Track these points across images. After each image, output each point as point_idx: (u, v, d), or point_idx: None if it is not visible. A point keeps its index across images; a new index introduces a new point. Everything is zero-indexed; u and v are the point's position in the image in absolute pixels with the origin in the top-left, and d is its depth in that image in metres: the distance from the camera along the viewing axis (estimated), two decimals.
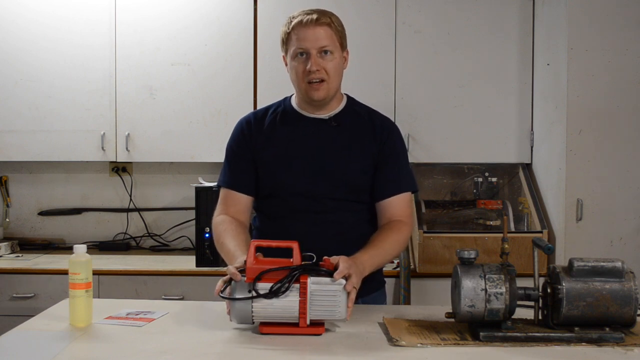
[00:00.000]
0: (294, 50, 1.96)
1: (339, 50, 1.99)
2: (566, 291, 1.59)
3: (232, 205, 2.05)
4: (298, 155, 2.01)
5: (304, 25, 1.94)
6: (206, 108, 3.40)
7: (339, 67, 2.00)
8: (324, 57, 1.95)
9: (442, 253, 3.07)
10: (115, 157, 3.41)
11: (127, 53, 3.38)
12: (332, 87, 1.99)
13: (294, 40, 1.95)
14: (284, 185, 2.01)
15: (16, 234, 3.73)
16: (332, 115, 2.05)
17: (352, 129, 2.04)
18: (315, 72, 1.94)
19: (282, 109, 2.09)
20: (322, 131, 2.03)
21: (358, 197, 2.04)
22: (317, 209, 2.00)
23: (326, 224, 2.00)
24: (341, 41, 2.00)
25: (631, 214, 3.07)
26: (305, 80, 1.96)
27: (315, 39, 1.93)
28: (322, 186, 1.99)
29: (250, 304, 1.62)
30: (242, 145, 2.07)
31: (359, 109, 2.10)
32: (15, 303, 3.09)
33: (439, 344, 1.57)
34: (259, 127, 2.06)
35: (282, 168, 2.01)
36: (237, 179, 2.06)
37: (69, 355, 1.52)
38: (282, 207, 2.03)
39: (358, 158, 2.02)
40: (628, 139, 3.06)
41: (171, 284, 3.11)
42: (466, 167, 3.48)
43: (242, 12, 3.38)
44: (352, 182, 2.01)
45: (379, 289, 2.15)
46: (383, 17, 3.38)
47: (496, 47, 3.40)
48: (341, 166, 2.00)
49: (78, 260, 1.72)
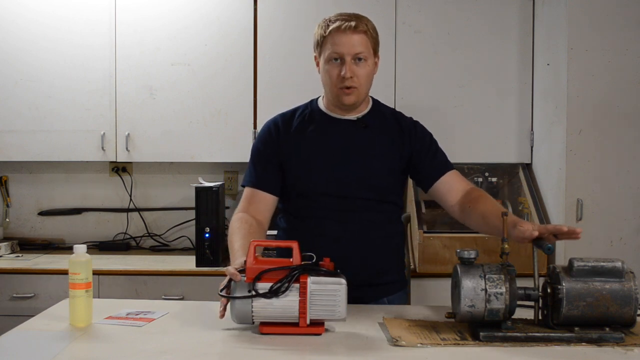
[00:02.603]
0: (328, 54, 1.98)
1: (372, 57, 2.02)
2: (566, 291, 1.59)
3: (255, 203, 2.05)
4: (327, 156, 2.03)
5: (342, 31, 1.95)
6: (206, 108, 3.40)
7: (370, 74, 2.03)
8: (357, 63, 1.97)
9: (442, 253, 3.07)
10: (115, 157, 3.41)
11: (127, 53, 3.38)
12: (362, 93, 2.02)
13: (330, 44, 1.97)
14: (312, 185, 2.02)
15: (16, 234, 3.72)
16: (360, 116, 2.07)
17: (380, 130, 2.07)
18: (349, 79, 1.96)
19: (309, 111, 2.11)
20: (350, 132, 2.05)
21: (385, 197, 2.05)
22: (345, 208, 2.01)
23: (353, 223, 2.01)
24: (375, 48, 2.03)
25: (631, 214, 3.07)
26: (338, 85, 1.98)
27: (351, 46, 1.95)
28: (349, 186, 2.01)
29: (250, 304, 1.62)
30: (269, 147, 2.08)
31: (384, 110, 2.14)
32: (15, 303, 3.09)
33: (439, 344, 1.57)
34: (287, 129, 2.08)
35: (310, 168, 2.03)
36: (262, 178, 2.07)
37: (69, 355, 1.52)
38: (310, 207, 2.03)
39: (385, 158, 2.04)
40: (628, 139, 3.06)
41: (171, 284, 3.11)
42: (466, 167, 3.48)
43: (242, 12, 3.38)
44: (379, 182, 2.03)
45: (403, 288, 2.17)
46: (383, 17, 3.37)
47: (496, 47, 3.40)
48: (369, 166, 2.02)
49: (78, 260, 1.73)
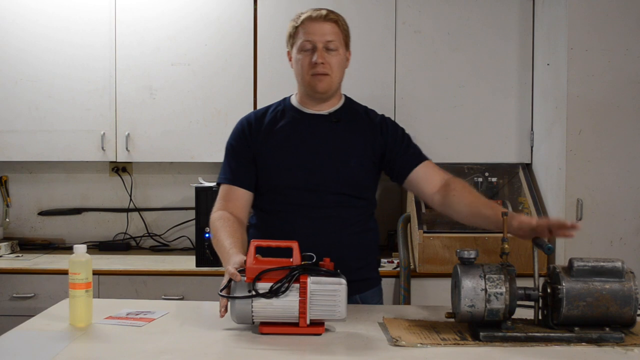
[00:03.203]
0: (300, 43, 2.02)
1: (343, 48, 2.06)
2: (566, 291, 1.59)
3: (232, 200, 2.06)
4: (299, 150, 2.04)
5: (313, 20, 2.01)
6: (206, 108, 3.40)
7: (342, 64, 2.06)
8: (329, 52, 2.01)
9: (442, 253, 3.07)
10: (115, 157, 3.41)
11: (127, 53, 3.38)
12: (334, 81, 2.05)
13: (302, 33, 2.02)
14: (284, 180, 2.03)
15: (16, 234, 3.72)
16: (332, 111, 2.08)
17: (352, 125, 2.09)
18: (321, 65, 2.00)
19: (282, 107, 2.13)
20: (322, 127, 2.07)
21: (358, 193, 2.06)
22: (317, 203, 2.01)
23: (326, 218, 2.01)
24: (346, 40, 2.08)
25: (631, 214, 3.06)
26: (310, 72, 2.01)
27: (322, 33, 2.00)
28: (322, 181, 2.02)
29: (250, 304, 1.62)
30: (242, 143, 2.09)
31: (356, 107, 2.16)
32: (15, 303, 3.09)
33: (439, 344, 1.57)
34: (260, 125, 2.09)
35: (282, 163, 2.04)
36: (238, 175, 2.08)
37: (69, 355, 1.52)
38: (282, 202, 2.04)
39: (357, 153, 2.05)
40: (628, 139, 3.05)
41: (171, 284, 3.10)
42: (466, 167, 3.48)
43: (242, 12, 3.38)
44: (351, 177, 2.04)
45: (376, 285, 2.16)
46: (383, 17, 3.38)
47: (496, 47, 3.40)
48: (341, 161, 2.03)
49: (78, 260, 1.73)
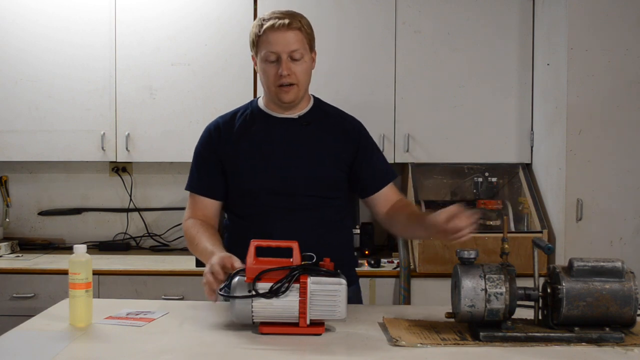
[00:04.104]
0: (264, 54, 1.98)
1: (308, 53, 2.02)
2: (566, 291, 1.59)
3: (200, 209, 2.08)
4: (269, 154, 2.03)
5: (276, 30, 1.95)
6: (206, 108, 3.39)
7: (308, 70, 2.03)
8: (294, 61, 1.98)
9: (442, 253, 3.07)
10: (115, 157, 3.41)
11: (127, 53, 3.38)
12: (301, 89, 2.02)
13: (265, 43, 1.97)
14: (256, 184, 2.02)
15: (16, 234, 3.72)
16: (301, 114, 2.07)
17: (322, 128, 2.07)
18: (286, 77, 1.97)
19: (250, 111, 2.11)
20: (292, 130, 2.05)
21: (333, 193, 2.06)
22: (291, 206, 2.01)
23: (300, 220, 2.00)
24: (310, 43, 2.03)
25: (631, 214, 3.07)
26: (276, 84, 1.98)
27: (286, 44, 1.95)
28: (294, 183, 2.01)
29: (250, 304, 1.62)
30: (210, 150, 2.08)
31: (327, 109, 2.14)
32: (15, 303, 3.09)
33: (439, 344, 1.57)
34: (228, 131, 2.08)
35: (254, 167, 2.02)
36: (205, 184, 2.08)
37: (69, 355, 1.52)
38: (255, 206, 2.03)
39: (328, 155, 2.04)
40: (628, 139, 3.05)
41: (171, 284, 3.11)
42: (466, 167, 3.48)
43: (242, 12, 3.38)
44: (323, 179, 2.03)
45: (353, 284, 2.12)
46: (383, 17, 3.38)
47: (496, 47, 3.40)
48: (312, 163, 2.02)
49: (78, 260, 1.72)
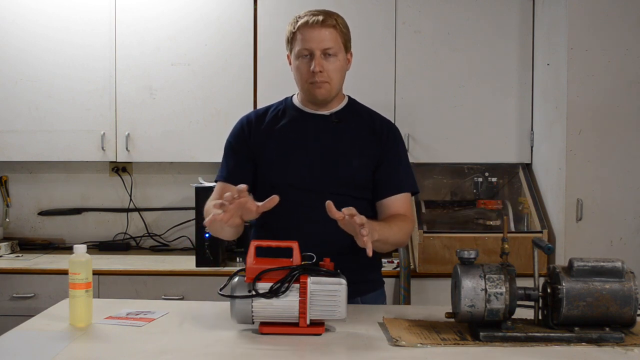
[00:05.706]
0: (298, 50, 1.98)
1: (342, 52, 2.01)
2: (566, 291, 1.59)
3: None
4: (299, 150, 2.03)
5: (310, 26, 1.96)
6: (206, 108, 3.40)
7: (341, 69, 2.02)
8: (327, 58, 1.97)
9: (442, 253, 3.07)
10: (115, 157, 3.41)
11: (127, 53, 3.38)
12: (334, 87, 2.02)
13: (299, 40, 1.97)
14: (284, 180, 2.02)
15: (16, 234, 3.72)
16: (333, 112, 2.07)
17: (353, 127, 2.07)
18: (319, 74, 1.97)
19: (283, 107, 2.12)
20: (323, 127, 2.05)
21: (358, 193, 2.04)
22: (317, 203, 2.00)
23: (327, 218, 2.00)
24: (345, 43, 2.03)
25: (631, 214, 3.07)
26: (309, 80, 1.99)
27: (319, 40, 1.96)
28: (321, 180, 2.00)
29: (250, 304, 1.62)
30: (241, 142, 2.08)
31: (359, 109, 2.14)
32: (15, 303, 3.09)
33: (439, 344, 1.57)
34: (260, 124, 2.08)
35: (283, 162, 2.03)
36: (234, 173, 2.06)
37: (69, 355, 1.52)
38: (283, 202, 2.03)
39: (358, 154, 2.04)
40: (628, 139, 3.06)
41: (171, 284, 3.11)
42: (466, 167, 3.48)
43: (242, 12, 3.38)
44: (351, 177, 2.03)
45: (378, 288, 2.15)
46: (383, 17, 3.38)
47: (496, 47, 3.40)
48: (341, 161, 2.02)
49: (78, 260, 1.72)
